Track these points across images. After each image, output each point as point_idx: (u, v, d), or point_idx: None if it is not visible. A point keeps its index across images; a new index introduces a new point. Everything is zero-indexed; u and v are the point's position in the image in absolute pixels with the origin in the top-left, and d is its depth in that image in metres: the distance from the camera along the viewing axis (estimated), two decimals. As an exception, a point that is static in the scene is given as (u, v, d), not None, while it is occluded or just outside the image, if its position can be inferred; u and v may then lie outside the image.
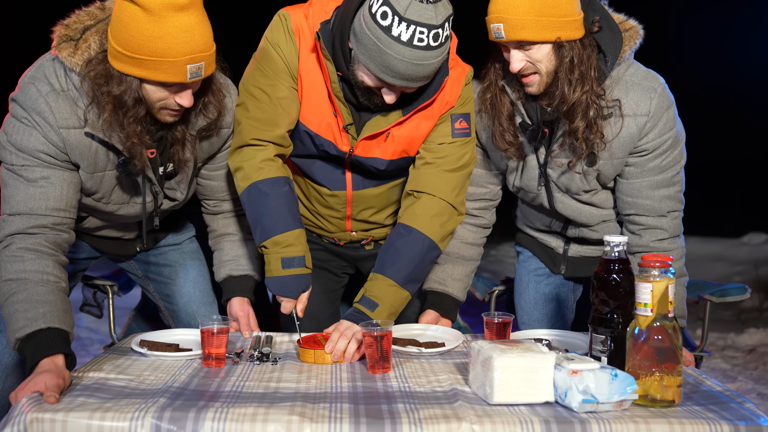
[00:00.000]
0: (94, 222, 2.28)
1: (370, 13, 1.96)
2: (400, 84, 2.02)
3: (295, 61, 2.16)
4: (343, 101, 2.16)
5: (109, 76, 1.91)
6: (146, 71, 1.88)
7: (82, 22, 1.99)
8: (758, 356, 5.02)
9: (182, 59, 1.86)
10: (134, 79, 1.91)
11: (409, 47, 1.94)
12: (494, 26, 2.05)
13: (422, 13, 1.91)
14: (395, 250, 2.19)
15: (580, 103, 2.09)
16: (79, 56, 1.94)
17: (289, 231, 2.12)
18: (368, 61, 1.99)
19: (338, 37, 2.08)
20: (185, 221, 2.61)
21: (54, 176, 2.00)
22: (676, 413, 1.58)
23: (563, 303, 2.61)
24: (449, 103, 2.22)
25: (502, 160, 2.36)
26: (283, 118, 2.17)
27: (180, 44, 1.85)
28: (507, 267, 8.24)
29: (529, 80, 2.13)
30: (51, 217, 1.98)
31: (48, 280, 1.90)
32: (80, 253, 2.43)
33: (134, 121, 1.95)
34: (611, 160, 2.20)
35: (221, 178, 2.36)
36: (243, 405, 1.59)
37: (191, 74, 1.89)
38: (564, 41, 2.05)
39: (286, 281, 2.12)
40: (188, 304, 2.50)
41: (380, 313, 2.12)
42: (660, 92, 2.14)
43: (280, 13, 2.19)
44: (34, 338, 1.80)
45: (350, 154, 2.23)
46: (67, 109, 1.97)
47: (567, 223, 2.45)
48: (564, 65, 2.07)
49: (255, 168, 2.15)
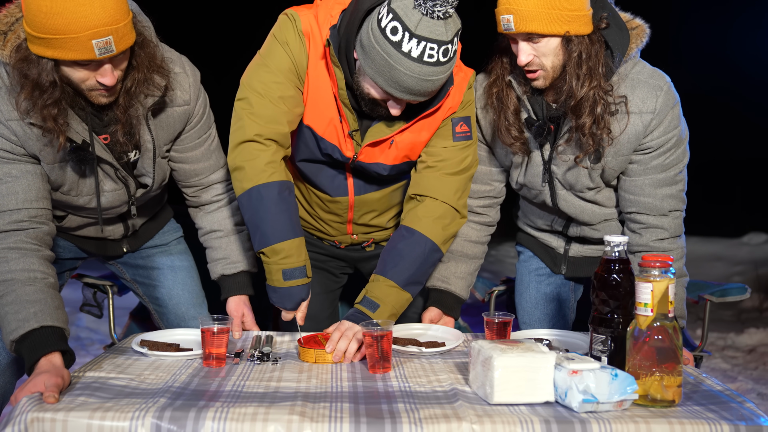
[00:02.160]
0: (74, 220, 2.26)
1: (379, 27, 1.94)
2: (408, 98, 2.01)
3: (304, 63, 2.13)
4: (349, 108, 2.15)
5: (29, 60, 1.88)
6: (54, 50, 1.83)
7: (12, 15, 1.96)
8: (758, 356, 5.02)
9: (85, 34, 1.79)
10: (49, 61, 1.87)
11: (419, 63, 1.93)
12: (504, 17, 2.05)
13: (433, 29, 1.90)
14: (397, 252, 2.18)
15: (587, 99, 2.09)
16: (8, 48, 1.91)
17: (290, 240, 2.09)
18: (376, 75, 1.98)
19: (344, 44, 2.06)
20: (171, 220, 2.58)
21: (16, 170, 1.98)
22: (676, 413, 1.58)
23: (564, 303, 2.61)
24: (452, 108, 2.22)
25: (506, 157, 2.36)
26: (286, 117, 2.12)
27: (79, 18, 1.78)
28: (507, 267, 8.24)
29: (534, 75, 2.13)
30: (25, 210, 1.96)
31: (35, 278, 1.89)
32: (65, 254, 2.41)
33: (51, 104, 1.90)
34: (616, 157, 2.20)
35: (192, 161, 2.31)
36: (243, 405, 1.59)
37: (99, 50, 1.82)
38: (573, 35, 2.05)
39: (287, 293, 2.11)
40: (177, 306, 2.49)
41: (381, 314, 2.12)
42: (666, 90, 2.15)
43: (288, 13, 2.15)
44: (29, 339, 1.79)
45: (353, 159, 2.23)
46: (9, 102, 1.94)
47: (568, 222, 2.45)
48: (572, 60, 2.07)
49: (258, 170, 2.08)
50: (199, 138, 2.28)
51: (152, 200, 2.39)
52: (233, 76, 2.29)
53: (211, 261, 2.43)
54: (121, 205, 2.25)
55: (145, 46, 2.01)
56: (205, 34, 10.73)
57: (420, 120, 2.18)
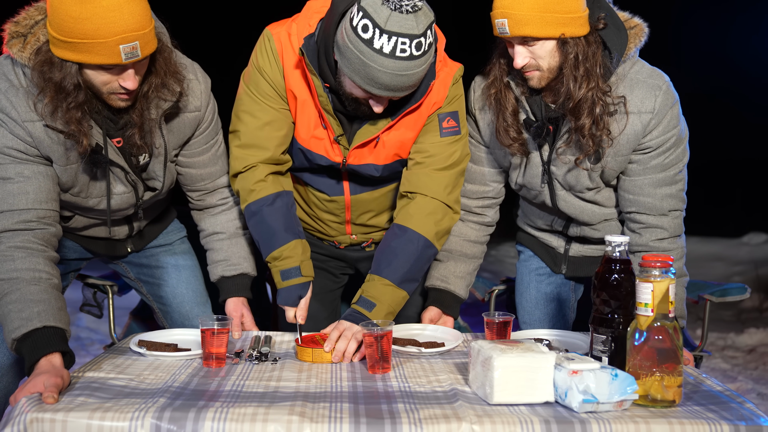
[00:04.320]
0: (81, 221, 2.27)
1: (351, 27, 1.95)
2: (387, 95, 2.02)
3: (281, 82, 2.18)
4: (331, 113, 2.17)
5: (51, 63, 1.90)
6: (81, 54, 1.86)
7: (32, 18, 1.98)
8: (758, 356, 5.02)
9: (113, 39, 1.83)
10: (73, 65, 1.89)
11: (392, 59, 1.93)
12: (498, 21, 2.05)
13: (403, 23, 1.90)
14: (391, 251, 2.19)
15: (585, 100, 2.09)
16: (28, 50, 1.93)
17: (284, 245, 2.18)
18: (353, 75, 1.99)
19: (323, 49, 2.08)
20: (174, 220, 2.59)
21: (28, 171, 1.99)
22: (676, 413, 1.58)
23: (564, 302, 2.60)
24: (437, 104, 2.22)
25: (505, 158, 2.36)
26: (270, 141, 2.21)
27: (109, 24, 1.82)
28: (507, 267, 8.23)
29: (530, 74, 2.13)
30: (34, 210, 1.98)
31: (40, 278, 1.90)
32: (71, 254, 2.42)
33: (75, 106, 1.93)
34: (615, 157, 2.20)
35: (199, 166, 2.34)
36: (243, 405, 1.59)
37: (126, 55, 1.86)
38: (568, 38, 2.05)
39: (286, 292, 2.18)
40: (181, 305, 2.50)
41: (378, 313, 2.12)
42: (665, 90, 2.15)
43: (264, 34, 2.20)
44: (31, 338, 1.80)
45: (344, 163, 2.24)
46: (27, 104, 1.96)
47: (568, 222, 2.45)
48: (569, 62, 2.07)
49: (247, 191, 2.23)
50: (207, 143, 2.32)
51: (158, 202, 2.41)
52: (232, 76, 2.31)
53: (211, 263, 2.43)
54: (129, 208, 2.27)
55: (162, 51, 2.04)
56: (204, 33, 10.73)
57: (404, 117, 2.19)
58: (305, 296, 2.18)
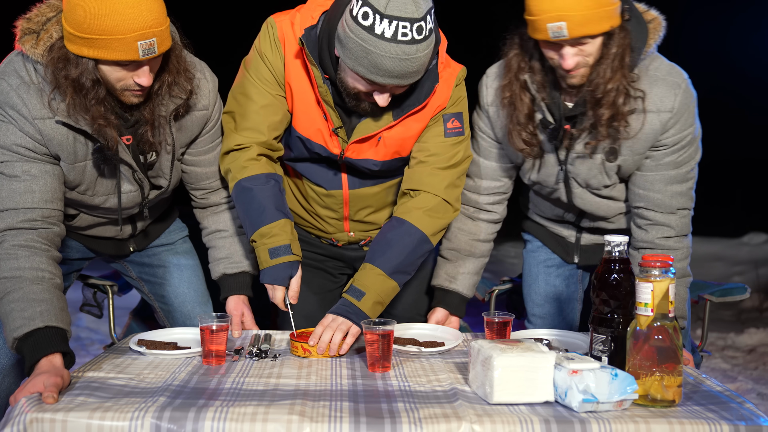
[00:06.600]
0: (85, 219, 2.27)
1: (351, 16, 1.96)
2: (391, 83, 2.01)
3: (281, 69, 2.19)
4: (331, 105, 2.18)
5: (67, 59, 1.91)
6: (98, 51, 1.87)
7: (43, 15, 1.98)
8: (758, 356, 5.02)
9: (131, 36, 1.84)
10: (89, 61, 1.90)
11: (394, 43, 1.93)
12: (553, 26, 1.97)
13: (402, 7, 1.91)
14: (386, 241, 2.20)
15: (612, 90, 2.07)
16: (41, 47, 1.94)
17: (274, 222, 2.15)
18: (356, 64, 1.99)
19: (325, 42, 2.09)
20: (176, 219, 2.60)
21: (35, 169, 1.99)
22: (676, 413, 1.58)
23: (574, 295, 2.60)
24: (440, 106, 2.22)
25: (517, 153, 2.33)
26: (265, 125, 2.21)
27: (127, 20, 1.83)
28: (507, 267, 8.23)
29: (575, 72, 2.07)
30: (39, 209, 1.98)
31: (43, 278, 1.90)
32: (74, 254, 2.42)
33: (96, 102, 1.94)
34: (632, 156, 2.19)
35: (205, 164, 2.35)
36: (243, 404, 1.59)
37: (143, 51, 1.87)
38: (615, 29, 2.03)
39: (274, 270, 2.14)
40: (183, 304, 2.50)
41: (366, 301, 2.12)
42: (684, 88, 2.14)
43: (268, 21, 2.21)
44: (32, 337, 1.80)
45: (341, 156, 2.24)
46: (39, 101, 1.97)
47: (581, 215, 2.44)
48: (609, 54, 2.04)
49: (239, 168, 2.20)
50: (213, 142, 2.32)
51: (161, 201, 2.42)
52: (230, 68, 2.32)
53: (213, 260, 2.44)
54: (134, 207, 2.27)
55: (175, 49, 2.06)
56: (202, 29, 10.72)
57: (407, 117, 2.19)
58: (296, 275, 2.16)
